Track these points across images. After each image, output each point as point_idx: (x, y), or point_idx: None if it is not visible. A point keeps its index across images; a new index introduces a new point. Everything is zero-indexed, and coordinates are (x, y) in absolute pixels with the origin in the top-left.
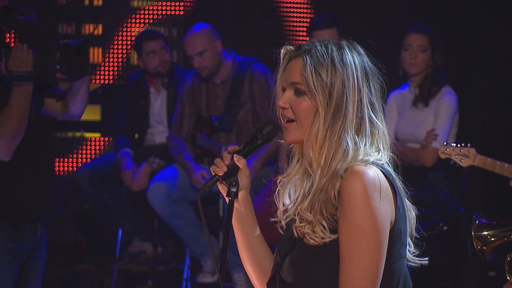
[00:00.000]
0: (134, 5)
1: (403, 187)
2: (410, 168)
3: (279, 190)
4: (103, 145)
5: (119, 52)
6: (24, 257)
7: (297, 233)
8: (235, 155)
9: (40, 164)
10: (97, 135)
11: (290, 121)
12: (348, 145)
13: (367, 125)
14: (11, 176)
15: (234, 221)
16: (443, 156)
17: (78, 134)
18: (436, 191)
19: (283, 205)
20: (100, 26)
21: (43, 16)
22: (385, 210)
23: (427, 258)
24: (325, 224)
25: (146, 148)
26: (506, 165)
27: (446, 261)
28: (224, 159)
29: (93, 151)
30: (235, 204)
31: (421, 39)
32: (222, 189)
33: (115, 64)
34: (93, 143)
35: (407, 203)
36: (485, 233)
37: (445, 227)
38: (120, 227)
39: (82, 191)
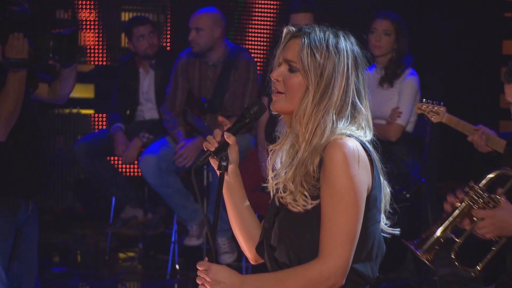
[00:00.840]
0: None
1: (381, 165)
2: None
3: (270, 157)
4: (97, 120)
5: (111, 35)
6: (16, 229)
7: (281, 202)
8: (225, 132)
9: (31, 144)
10: (91, 111)
11: (279, 93)
12: (327, 124)
13: (349, 108)
14: (6, 155)
15: (224, 192)
16: (418, 112)
17: (74, 110)
18: (400, 163)
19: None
20: (93, 12)
21: (42, 3)
22: (363, 178)
23: (399, 229)
24: (306, 194)
25: (136, 123)
26: (467, 124)
27: (409, 225)
28: (215, 135)
29: (88, 126)
30: (226, 177)
31: (386, 24)
32: (214, 163)
33: (107, 47)
34: (87, 118)
35: (383, 180)
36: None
37: (408, 195)
38: (113, 195)
39: (79, 162)
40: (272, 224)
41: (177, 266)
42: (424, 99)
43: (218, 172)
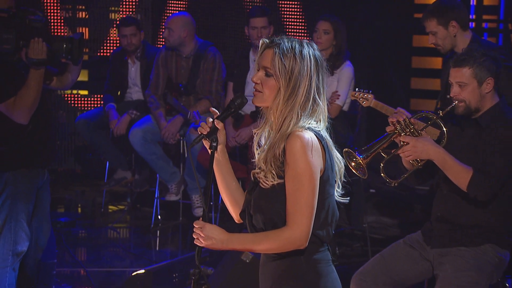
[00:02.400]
0: None
1: (334, 146)
2: None
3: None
4: (90, 100)
5: (100, 31)
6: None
7: (256, 178)
8: (215, 120)
9: (46, 125)
10: (86, 92)
11: (258, 91)
12: (293, 116)
13: (311, 103)
14: (28, 135)
15: (214, 167)
16: (352, 98)
17: (74, 91)
18: (338, 135)
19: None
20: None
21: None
22: (316, 162)
23: (348, 198)
24: (274, 172)
25: (126, 103)
26: (389, 108)
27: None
28: (207, 122)
29: (84, 103)
30: (215, 155)
31: (326, 25)
32: (206, 144)
33: (97, 40)
34: (83, 98)
35: (338, 158)
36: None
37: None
38: (107, 160)
39: (80, 134)
40: (251, 199)
41: (159, 217)
42: (356, 88)
43: (209, 151)
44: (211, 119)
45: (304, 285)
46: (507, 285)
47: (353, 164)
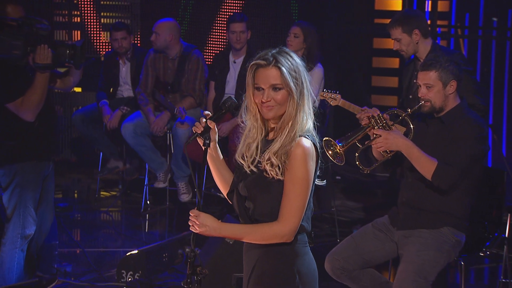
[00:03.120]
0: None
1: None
2: None
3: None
4: (84, 96)
5: (93, 34)
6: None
7: (258, 167)
8: (208, 120)
9: (50, 122)
10: (79, 89)
11: (271, 106)
12: (305, 118)
13: (311, 104)
14: (34, 131)
15: (209, 161)
16: (321, 97)
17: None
18: None
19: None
20: (80, 18)
21: (43, 10)
22: (313, 169)
23: (325, 181)
24: (280, 167)
25: (117, 99)
26: (356, 106)
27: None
28: (201, 122)
29: (78, 100)
30: (208, 150)
31: (296, 29)
32: (200, 141)
33: (90, 42)
34: (78, 95)
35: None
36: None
37: None
38: (101, 151)
39: (76, 128)
40: (240, 180)
41: (148, 202)
42: (324, 89)
43: (203, 148)
44: (204, 120)
45: (284, 264)
46: (462, 263)
47: (330, 152)
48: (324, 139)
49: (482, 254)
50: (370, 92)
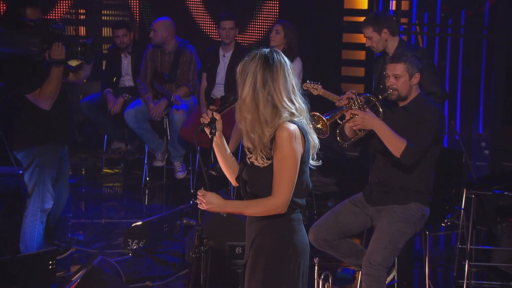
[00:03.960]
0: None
1: (313, 132)
2: None
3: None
4: (89, 85)
5: (95, 30)
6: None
7: (250, 159)
8: (214, 112)
9: (65, 110)
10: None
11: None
12: (270, 112)
13: (286, 102)
14: (51, 118)
15: (215, 147)
16: (304, 88)
17: None
18: None
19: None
20: (83, 15)
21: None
22: (298, 149)
23: (320, 162)
24: (263, 156)
25: (120, 88)
26: (335, 95)
27: None
28: (208, 114)
29: (84, 88)
30: (214, 138)
31: (277, 26)
32: (207, 130)
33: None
34: (84, 84)
35: (314, 139)
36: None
37: None
38: (105, 134)
39: (83, 113)
40: (243, 168)
41: (147, 179)
42: (307, 80)
43: (210, 136)
44: (211, 112)
45: (280, 238)
46: (427, 232)
47: (316, 126)
48: (311, 113)
49: (443, 225)
50: (340, 81)
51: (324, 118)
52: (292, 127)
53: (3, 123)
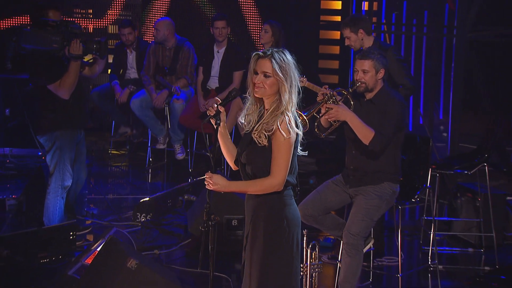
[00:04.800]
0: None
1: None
2: None
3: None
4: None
5: (101, 28)
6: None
7: (253, 138)
8: (219, 105)
9: (81, 99)
10: None
11: (260, 87)
12: (288, 102)
13: (295, 93)
14: (69, 106)
15: (219, 136)
16: None
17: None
18: None
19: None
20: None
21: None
22: (293, 137)
23: (306, 152)
24: (266, 136)
25: (126, 80)
26: (318, 87)
27: None
28: (213, 107)
29: (94, 80)
30: (219, 128)
31: (266, 26)
32: (213, 121)
33: (98, 34)
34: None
35: (300, 131)
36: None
37: None
38: (113, 120)
39: (93, 101)
40: (243, 150)
41: (150, 159)
42: None
43: (215, 126)
44: (216, 105)
45: (275, 211)
46: (399, 207)
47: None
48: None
49: (413, 200)
50: (318, 72)
51: (303, 115)
52: (289, 117)
53: (29, 111)
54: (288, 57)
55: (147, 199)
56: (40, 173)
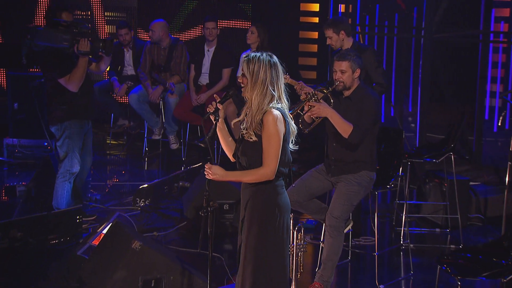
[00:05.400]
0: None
1: (291, 118)
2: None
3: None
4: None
5: (99, 28)
6: (83, 135)
7: (244, 135)
8: (218, 103)
9: (89, 93)
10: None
11: (243, 86)
12: (263, 101)
13: (271, 91)
14: (77, 99)
15: (218, 131)
16: None
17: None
18: None
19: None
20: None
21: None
22: (281, 129)
23: (297, 147)
24: (254, 133)
25: (123, 76)
26: (297, 82)
27: None
28: (212, 105)
29: (95, 76)
30: (218, 124)
31: (252, 28)
32: (212, 117)
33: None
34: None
35: (293, 126)
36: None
37: None
38: (112, 113)
39: (94, 96)
40: (238, 146)
41: (146, 149)
42: None
43: (214, 122)
44: (215, 103)
45: (268, 199)
46: (376, 193)
47: None
48: None
49: (388, 186)
50: (298, 69)
51: (289, 113)
52: (276, 112)
53: (40, 104)
54: (263, 58)
55: (145, 185)
56: (48, 163)
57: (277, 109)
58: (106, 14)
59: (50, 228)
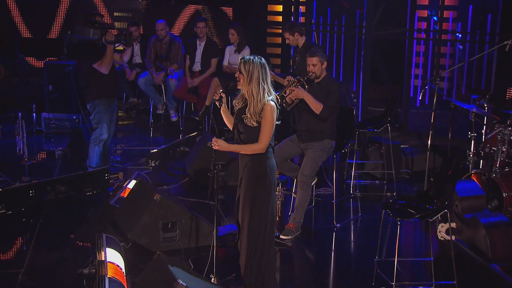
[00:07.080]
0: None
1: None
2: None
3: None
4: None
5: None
6: (111, 110)
7: (245, 120)
8: (221, 92)
9: (115, 75)
10: None
11: (238, 81)
12: (258, 92)
13: (262, 87)
14: (106, 80)
15: (222, 112)
16: None
17: None
18: None
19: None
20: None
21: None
22: (275, 116)
23: (280, 121)
24: (254, 119)
25: (133, 64)
26: (280, 78)
27: None
28: (217, 92)
29: None
30: (222, 107)
31: (231, 30)
32: (217, 103)
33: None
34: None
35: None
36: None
37: None
38: (123, 92)
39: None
40: (238, 122)
41: (152, 121)
42: None
43: (219, 106)
44: (219, 92)
45: (261, 163)
46: (334, 156)
47: None
48: None
49: (343, 151)
50: (266, 57)
51: (275, 94)
52: (272, 103)
53: (77, 85)
54: (256, 60)
55: (155, 150)
56: (79, 133)
57: (272, 100)
58: (114, 14)
59: (86, 183)
